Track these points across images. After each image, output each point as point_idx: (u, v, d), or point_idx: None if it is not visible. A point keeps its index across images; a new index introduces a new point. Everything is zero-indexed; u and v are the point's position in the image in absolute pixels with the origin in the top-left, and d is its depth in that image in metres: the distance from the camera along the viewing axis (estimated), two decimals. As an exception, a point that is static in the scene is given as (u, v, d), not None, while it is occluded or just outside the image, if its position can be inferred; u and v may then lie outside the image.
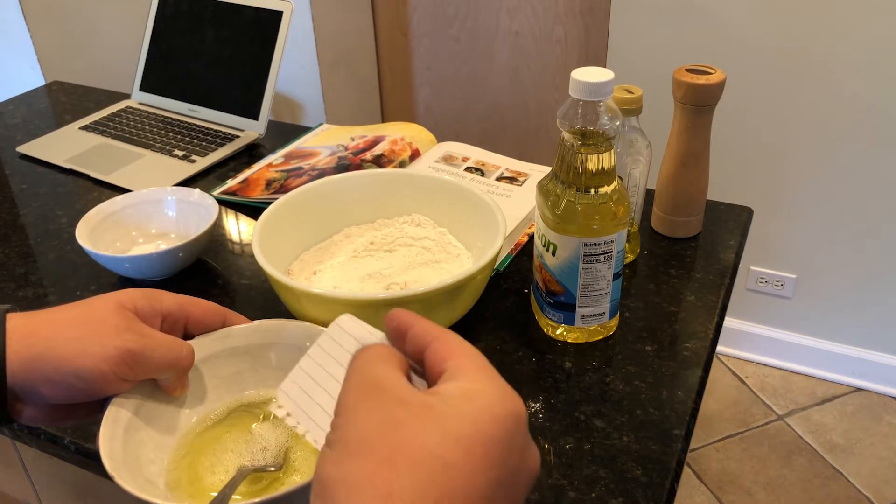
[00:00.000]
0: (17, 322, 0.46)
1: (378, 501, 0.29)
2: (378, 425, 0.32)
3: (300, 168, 1.08)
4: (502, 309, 0.82)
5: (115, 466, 0.45)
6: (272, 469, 0.51)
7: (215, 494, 0.46)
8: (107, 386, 0.47)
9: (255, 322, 0.56)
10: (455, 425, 0.31)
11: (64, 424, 0.51)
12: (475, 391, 0.33)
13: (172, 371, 0.51)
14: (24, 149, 1.22)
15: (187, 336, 0.54)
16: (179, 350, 0.50)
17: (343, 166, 1.05)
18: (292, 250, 0.84)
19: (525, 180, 1.00)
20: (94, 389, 0.47)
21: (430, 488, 0.29)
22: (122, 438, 0.48)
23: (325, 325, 0.70)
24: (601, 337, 0.77)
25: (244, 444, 0.52)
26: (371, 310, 0.68)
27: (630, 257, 0.90)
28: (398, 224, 0.88)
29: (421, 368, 0.37)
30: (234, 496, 0.45)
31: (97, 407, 0.50)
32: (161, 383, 0.51)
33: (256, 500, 0.42)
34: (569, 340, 0.77)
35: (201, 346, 0.54)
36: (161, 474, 0.50)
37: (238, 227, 1.01)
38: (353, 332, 0.42)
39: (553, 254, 0.72)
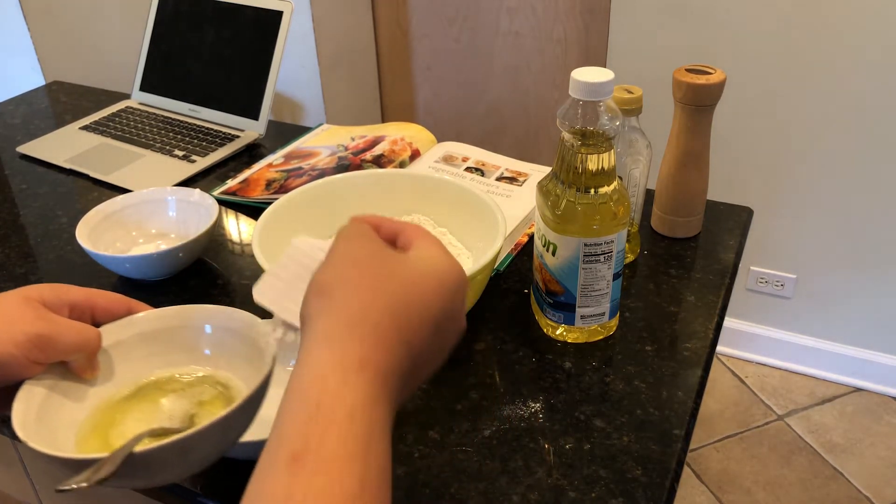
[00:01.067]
0: None
1: (364, 301, 0.39)
2: (368, 255, 0.43)
3: (300, 168, 1.08)
4: (502, 309, 0.82)
5: (28, 434, 0.48)
6: (177, 431, 0.53)
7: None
8: (19, 370, 0.50)
9: (159, 308, 0.59)
10: (420, 268, 0.43)
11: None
12: (436, 256, 0.44)
13: (82, 353, 0.54)
14: (24, 149, 1.22)
15: (95, 325, 0.56)
16: (87, 332, 0.53)
17: (343, 166, 1.05)
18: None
19: (525, 180, 1.00)
20: (6, 374, 0.50)
21: (400, 299, 0.40)
22: (35, 414, 0.51)
23: None
24: (601, 337, 0.77)
25: (152, 415, 0.55)
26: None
27: (630, 257, 0.90)
28: None
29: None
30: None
31: (13, 394, 0.52)
32: (72, 366, 0.54)
33: (174, 437, 0.46)
34: (569, 340, 0.77)
35: (109, 332, 0.57)
36: (72, 445, 0.52)
37: (238, 228, 1.01)
38: (313, 244, 0.50)
39: (553, 254, 0.72)
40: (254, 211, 1.03)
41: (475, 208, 0.82)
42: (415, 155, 1.08)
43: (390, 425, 0.38)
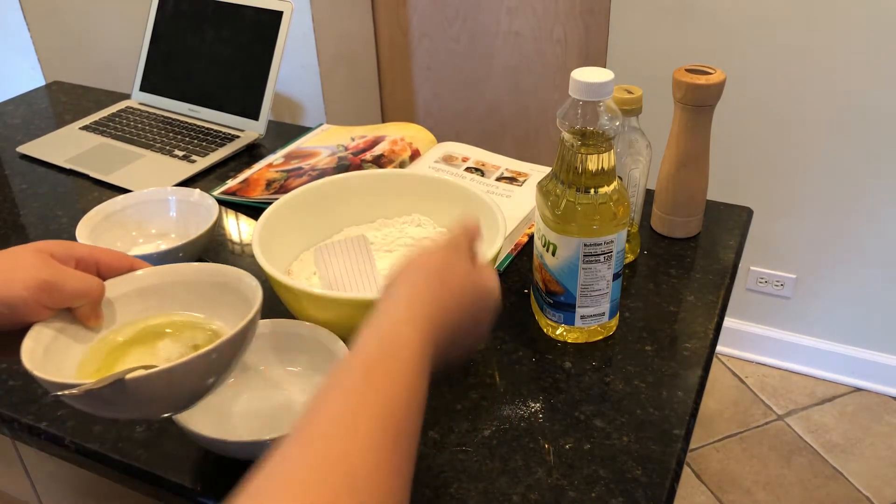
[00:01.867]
0: None
1: (434, 288, 0.53)
2: (449, 261, 0.56)
3: (300, 168, 1.08)
4: (502, 309, 0.82)
5: (34, 364, 0.53)
6: None
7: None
8: (28, 311, 0.55)
9: (158, 266, 0.64)
10: (476, 280, 0.57)
11: None
12: (489, 278, 0.58)
13: (86, 300, 0.59)
14: (25, 149, 1.23)
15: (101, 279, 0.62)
16: (90, 281, 0.58)
17: (343, 166, 1.05)
18: (292, 250, 0.84)
19: (525, 180, 1.00)
20: (17, 315, 0.55)
21: (455, 294, 0.54)
22: (42, 351, 0.55)
23: (325, 325, 0.70)
24: (601, 337, 0.77)
25: (150, 356, 0.60)
26: (371, 310, 0.68)
27: (630, 257, 0.90)
28: (398, 224, 0.88)
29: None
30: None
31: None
32: (77, 313, 0.59)
33: (161, 367, 0.51)
34: (569, 340, 0.77)
35: (113, 286, 0.61)
36: (73, 377, 0.57)
37: (238, 228, 1.01)
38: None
39: (553, 254, 0.72)
40: (254, 211, 1.03)
41: (475, 208, 0.82)
42: (415, 155, 1.08)
43: (429, 373, 0.48)
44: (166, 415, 0.58)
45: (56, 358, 0.57)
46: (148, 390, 0.52)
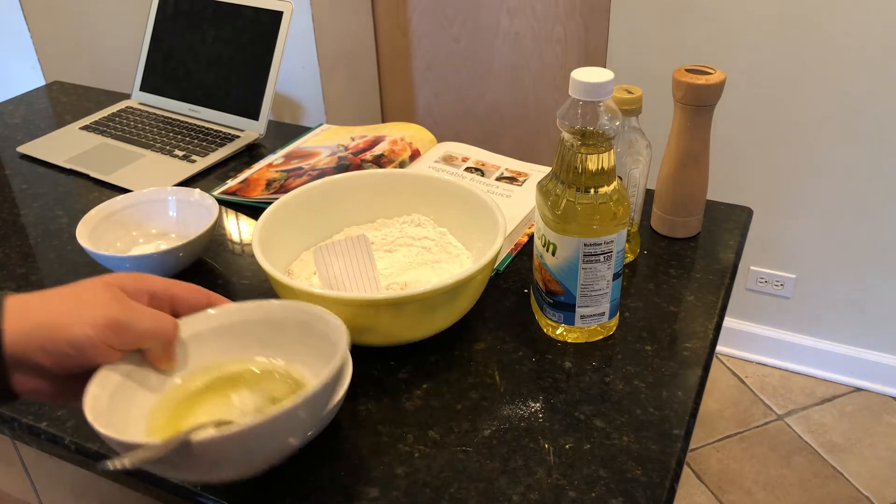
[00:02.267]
0: (13, 301, 0.51)
1: None
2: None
3: (300, 168, 1.08)
4: (502, 309, 0.82)
5: (97, 417, 0.48)
6: None
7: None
8: (96, 353, 0.51)
9: (237, 302, 0.59)
10: None
11: (64, 402, 0.55)
12: None
13: (157, 340, 0.54)
14: (25, 149, 1.23)
15: (174, 316, 0.57)
16: (163, 320, 0.54)
17: (343, 166, 1.05)
18: (292, 250, 0.84)
19: (525, 180, 1.00)
20: (85, 357, 0.51)
21: None
22: (107, 400, 0.51)
23: None
24: (601, 337, 0.77)
25: (223, 408, 0.55)
26: (371, 310, 0.68)
27: (630, 257, 0.90)
28: (398, 224, 0.88)
29: None
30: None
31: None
32: (148, 354, 0.55)
33: (233, 428, 0.45)
34: (569, 340, 0.77)
35: (187, 324, 0.57)
36: (141, 434, 0.53)
37: (238, 227, 1.01)
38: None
39: (553, 254, 0.72)
40: (254, 211, 1.03)
41: (475, 208, 0.82)
42: (415, 155, 1.08)
43: None
44: (242, 477, 0.52)
45: (122, 405, 0.52)
46: (218, 453, 0.47)
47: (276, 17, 1.20)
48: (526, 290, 0.85)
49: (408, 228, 0.87)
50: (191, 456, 0.46)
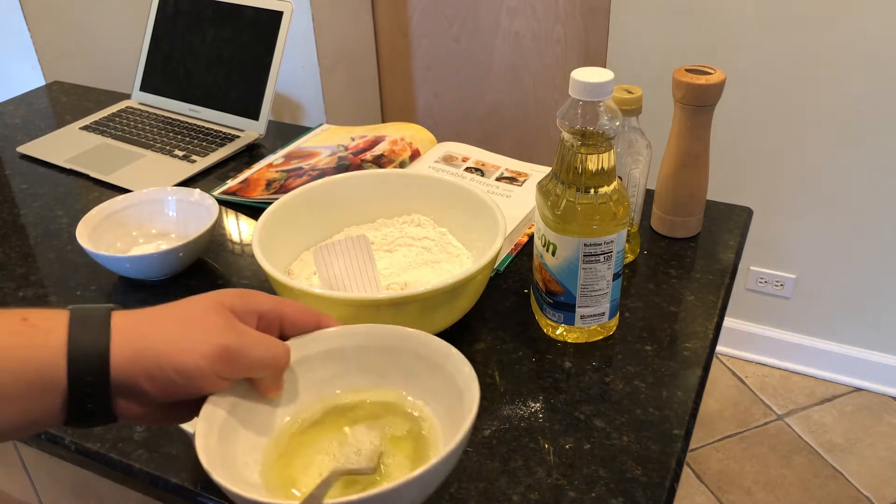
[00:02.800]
0: (121, 320, 0.46)
1: None
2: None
3: (300, 168, 1.08)
4: (502, 309, 0.82)
5: (212, 463, 0.45)
6: (366, 472, 0.50)
7: (307, 494, 0.46)
8: (205, 383, 0.47)
9: (349, 326, 0.56)
10: None
11: (167, 425, 0.55)
12: None
13: (269, 370, 0.51)
14: (25, 149, 1.23)
15: (282, 337, 0.54)
16: (276, 349, 0.51)
17: (343, 166, 1.05)
18: (292, 250, 0.84)
19: (525, 180, 1.00)
20: (192, 387, 0.47)
21: None
22: (217, 436, 0.48)
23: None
24: (601, 337, 0.77)
25: (338, 447, 0.52)
26: (371, 310, 0.68)
27: (630, 257, 0.90)
28: (398, 224, 0.88)
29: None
30: (326, 499, 0.44)
31: (197, 407, 0.50)
32: (257, 383, 0.52)
33: (352, 498, 0.42)
34: (569, 340, 0.77)
35: (296, 347, 0.53)
36: (255, 474, 0.50)
37: (238, 228, 1.01)
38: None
39: (553, 254, 0.72)
40: (254, 211, 1.03)
41: (475, 208, 0.82)
42: (415, 155, 1.08)
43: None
44: None
45: (231, 445, 0.49)
46: None
47: (276, 17, 1.20)
48: (526, 290, 0.85)
49: (408, 228, 0.87)
50: None
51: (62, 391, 0.44)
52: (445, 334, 0.76)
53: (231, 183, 1.09)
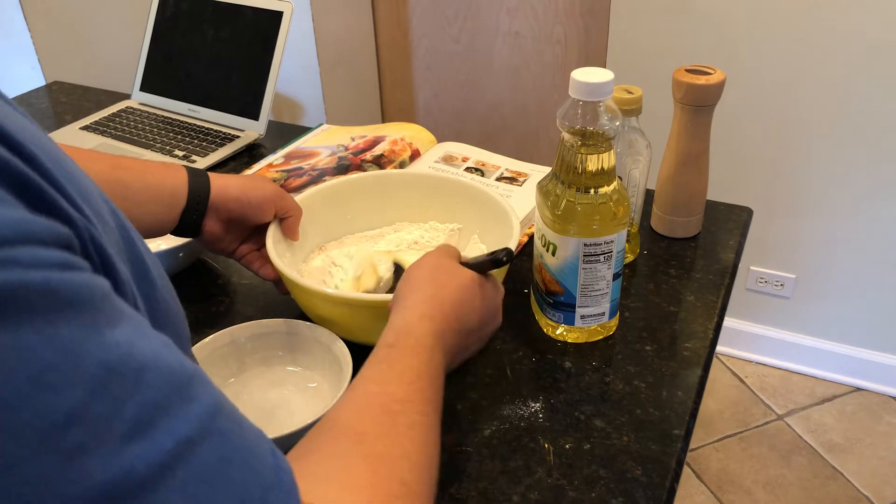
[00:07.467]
0: (212, 175, 0.76)
1: (429, 297, 0.59)
2: (440, 265, 0.63)
3: (300, 168, 1.08)
4: (502, 309, 0.82)
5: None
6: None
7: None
8: (266, 213, 0.77)
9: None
10: (466, 277, 0.63)
11: (224, 249, 0.79)
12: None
13: (296, 212, 0.79)
14: (25, 149, 1.22)
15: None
16: (296, 203, 0.80)
17: (343, 166, 1.05)
18: (303, 249, 0.84)
19: (525, 180, 1.00)
20: (260, 212, 0.76)
21: (449, 301, 0.60)
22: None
23: (337, 325, 0.70)
24: (601, 337, 0.77)
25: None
26: (381, 310, 0.68)
27: (630, 257, 0.90)
28: (414, 226, 0.89)
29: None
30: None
31: (244, 236, 0.79)
32: (285, 226, 0.79)
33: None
34: (569, 340, 0.77)
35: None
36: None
37: (238, 227, 1.01)
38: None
39: (553, 254, 0.72)
40: (254, 211, 1.03)
41: (493, 213, 0.82)
42: (415, 155, 1.08)
43: (442, 366, 0.56)
44: None
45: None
46: None
47: (276, 17, 1.20)
48: (526, 290, 0.85)
49: (417, 230, 0.88)
50: None
51: (182, 206, 0.73)
52: (445, 334, 0.76)
53: (231, 183, 1.08)
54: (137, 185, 0.71)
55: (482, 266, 0.64)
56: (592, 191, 0.70)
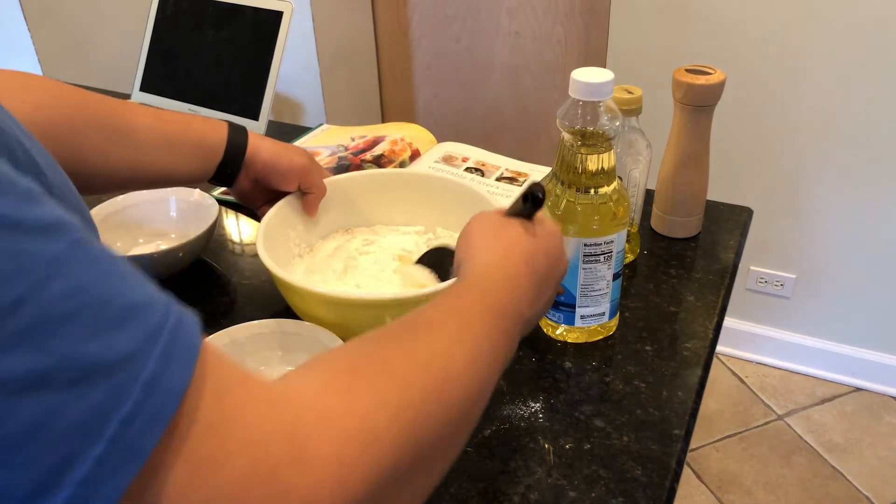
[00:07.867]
0: (250, 134, 0.81)
1: (498, 256, 0.56)
2: (498, 225, 0.60)
3: (300, 168, 1.08)
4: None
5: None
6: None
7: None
8: (291, 181, 0.80)
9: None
10: (527, 236, 0.59)
11: (249, 202, 0.84)
12: (548, 231, 0.61)
13: (319, 190, 0.82)
14: (25, 149, 1.22)
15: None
16: (321, 182, 0.83)
17: (343, 166, 1.05)
18: (295, 249, 0.84)
19: (525, 180, 1.00)
20: (286, 180, 0.80)
21: (516, 256, 0.57)
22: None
23: (330, 325, 0.70)
24: (601, 337, 0.77)
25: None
26: (376, 309, 0.68)
27: (630, 257, 0.90)
28: (404, 229, 0.88)
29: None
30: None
31: (270, 197, 0.82)
32: (305, 201, 0.82)
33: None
34: (569, 340, 0.77)
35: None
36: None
37: (238, 228, 1.01)
38: None
39: (553, 254, 0.72)
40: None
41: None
42: (415, 155, 1.08)
43: (509, 311, 0.52)
44: None
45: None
46: None
47: (276, 17, 1.20)
48: (526, 290, 0.85)
49: (410, 232, 0.87)
50: None
51: (219, 158, 0.78)
52: (445, 334, 0.76)
53: (231, 183, 1.08)
54: (180, 139, 0.77)
55: (526, 211, 0.60)
56: (592, 191, 0.70)
